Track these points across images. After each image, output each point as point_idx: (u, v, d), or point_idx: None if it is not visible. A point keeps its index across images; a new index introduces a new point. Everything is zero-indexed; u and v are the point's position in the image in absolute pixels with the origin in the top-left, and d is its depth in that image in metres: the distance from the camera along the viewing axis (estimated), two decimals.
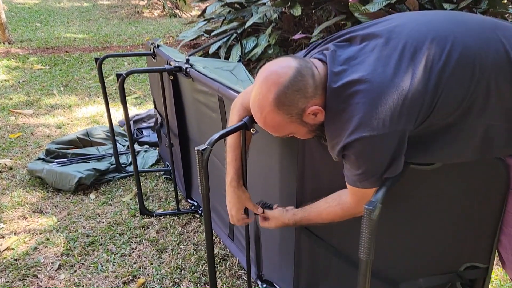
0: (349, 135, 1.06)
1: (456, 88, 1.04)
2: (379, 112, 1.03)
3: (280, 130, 1.17)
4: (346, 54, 1.12)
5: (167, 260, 2.11)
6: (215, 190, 2.19)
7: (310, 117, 1.12)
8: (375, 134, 1.04)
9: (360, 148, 1.07)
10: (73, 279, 2.00)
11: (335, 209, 1.29)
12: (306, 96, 1.09)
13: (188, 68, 2.11)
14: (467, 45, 1.06)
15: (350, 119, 1.06)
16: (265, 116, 1.14)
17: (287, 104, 1.09)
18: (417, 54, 1.05)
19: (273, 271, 1.92)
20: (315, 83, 1.09)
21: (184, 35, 5.85)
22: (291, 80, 1.08)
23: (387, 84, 1.03)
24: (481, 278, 1.35)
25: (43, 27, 7.78)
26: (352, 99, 1.06)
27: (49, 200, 2.63)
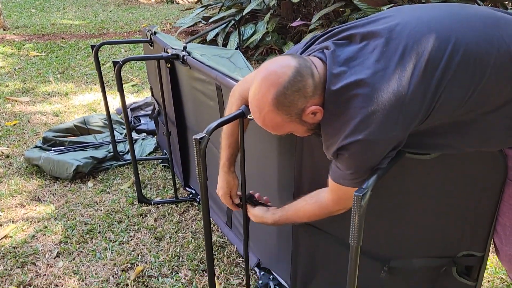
0: (345, 138, 1.07)
1: (456, 90, 1.04)
2: (376, 117, 1.03)
3: (279, 129, 1.17)
4: (346, 54, 1.11)
5: (165, 248, 2.12)
6: (213, 178, 2.19)
7: (309, 116, 1.12)
8: (371, 139, 1.04)
9: (354, 150, 1.08)
10: (71, 266, 2.01)
11: (312, 207, 1.31)
12: (306, 96, 1.09)
13: (185, 56, 2.09)
14: (469, 45, 1.05)
15: (347, 122, 1.06)
16: (264, 116, 1.13)
17: (286, 105, 1.09)
18: (417, 58, 1.04)
19: (271, 259, 1.93)
20: (315, 83, 1.09)
21: (182, 21, 5.80)
22: (290, 80, 1.07)
23: (386, 90, 1.03)
24: (477, 266, 1.36)
25: (38, 13, 7.70)
26: (351, 102, 1.06)
27: (47, 188, 2.63)
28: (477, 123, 1.09)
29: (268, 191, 1.71)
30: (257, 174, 1.75)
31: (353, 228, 1.05)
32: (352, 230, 1.05)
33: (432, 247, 1.38)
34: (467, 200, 1.28)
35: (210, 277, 1.54)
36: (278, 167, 1.60)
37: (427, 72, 1.03)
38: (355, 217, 1.03)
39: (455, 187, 1.27)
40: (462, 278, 1.39)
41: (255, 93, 1.12)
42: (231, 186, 1.52)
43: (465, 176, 1.24)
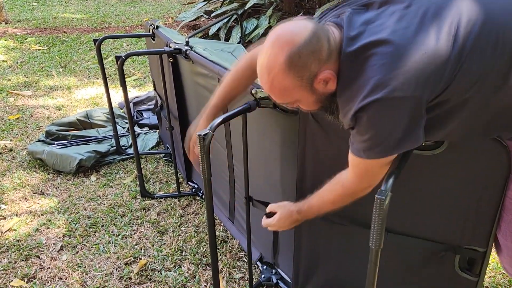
0: (364, 98, 0.99)
1: (477, 59, 0.99)
2: (398, 74, 0.96)
3: (286, 95, 1.09)
4: (363, 18, 1.05)
5: (168, 241, 2.13)
6: (215, 173, 2.20)
7: (320, 84, 1.05)
8: (392, 96, 0.96)
9: (374, 111, 0.99)
10: (75, 260, 2.02)
11: (335, 188, 1.24)
12: (320, 60, 1.02)
13: (188, 50, 2.09)
14: (492, 15, 1.00)
15: (366, 82, 0.99)
16: (272, 78, 1.05)
17: (299, 66, 1.02)
18: (440, 20, 0.99)
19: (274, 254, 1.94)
20: (330, 48, 1.02)
21: (184, 16, 5.78)
22: (306, 40, 1.00)
23: (408, 46, 0.97)
24: (479, 261, 1.36)
25: (40, 7, 7.69)
26: (369, 61, 0.99)
27: (50, 181, 2.64)
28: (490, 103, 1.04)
29: (270, 184, 1.72)
30: (260, 167, 1.75)
31: (374, 232, 0.99)
32: (372, 233, 1.00)
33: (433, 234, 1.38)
34: (469, 197, 1.28)
35: (214, 271, 1.55)
36: (281, 158, 1.60)
37: (450, 34, 0.98)
38: (376, 220, 0.98)
39: (457, 183, 1.27)
40: (464, 273, 1.40)
41: (266, 54, 1.05)
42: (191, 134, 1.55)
43: (468, 172, 1.24)
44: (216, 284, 1.59)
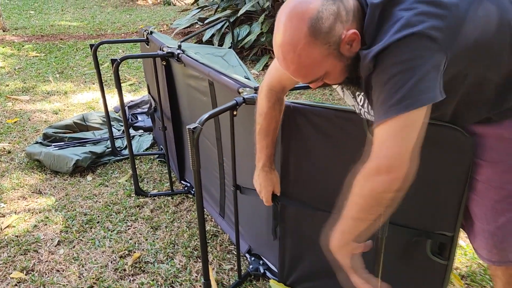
0: (393, 34, 0.94)
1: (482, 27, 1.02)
2: (428, 18, 0.94)
3: (316, 69, 1.02)
4: None
5: (161, 236, 2.23)
6: (207, 171, 2.30)
7: (346, 47, 0.99)
8: (421, 32, 0.92)
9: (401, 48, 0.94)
10: (72, 253, 2.12)
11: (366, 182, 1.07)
12: (341, 21, 0.97)
13: (180, 54, 2.20)
14: None
15: (394, 23, 0.95)
16: (299, 54, 0.98)
17: (324, 30, 0.96)
18: None
19: (261, 246, 2.04)
20: (346, 8, 0.98)
21: (178, 23, 5.91)
22: (323, 4, 0.96)
23: None
24: (448, 245, 1.47)
25: (37, 15, 7.81)
26: (398, 7, 0.97)
27: (48, 181, 2.73)
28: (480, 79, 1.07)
29: None
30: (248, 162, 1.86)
31: None
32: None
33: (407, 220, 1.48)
34: (436, 184, 1.39)
35: (204, 261, 1.65)
36: None
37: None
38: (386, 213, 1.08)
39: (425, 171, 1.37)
40: (436, 257, 1.50)
41: (283, 31, 0.98)
42: (274, 183, 1.57)
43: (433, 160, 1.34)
44: (205, 273, 1.69)
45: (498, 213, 1.30)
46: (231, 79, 1.77)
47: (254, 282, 1.94)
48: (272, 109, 1.44)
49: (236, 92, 1.68)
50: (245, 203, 1.99)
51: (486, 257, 1.38)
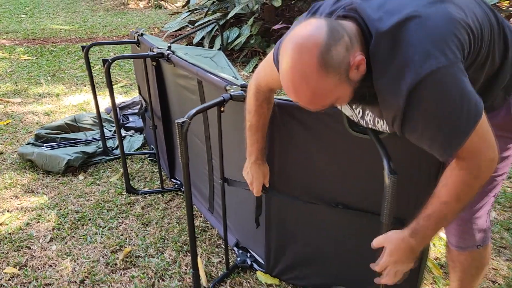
0: (416, 73, 0.96)
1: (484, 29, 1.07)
2: (438, 43, 0.97)
3: (329, 98, 1.03)
4: (374, 4, 1.05)
5: (152, 232, 2.29)
6: (196, 168, 2.37)
7: (354, 72, 1.01)
8: (447, 64, 0.96)
9: (435, 84, 0.96)
10: (64, 249, 2.17)
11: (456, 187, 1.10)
12: (347, 47, 0.98)
13: (169, 54, 2.26)
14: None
15: (411, 56, 0.97)
16: (312, 87, 0.99)
17: (335, 61, 0.97)
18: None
19: (248, 239, 2.11)
20: (349, 35, 1.00)
21: (169, 26, 5.98)
22: (329, 35, 0.97)
23: (434, 15, 1.00)
24: None
25: (28, 19, 7.83)
26: (406, 33, 0.98)
27: (40, 181, 2.78)
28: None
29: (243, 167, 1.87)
30: (234, 156, 1.92)
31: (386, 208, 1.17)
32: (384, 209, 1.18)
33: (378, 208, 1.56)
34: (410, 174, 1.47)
35: (192, 250, 1.71)
36: None
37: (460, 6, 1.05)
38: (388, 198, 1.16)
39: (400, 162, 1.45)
40: None
41: (293, 65, 0.99)
42: (265, 174, 1.66)
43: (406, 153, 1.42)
44: (194, 263, 1.75)
45: (475, 200, 1.39)
46: (219, 78, 1.84)
47: (241, 274, 2.00)
48: (260, 107, 1.50)
49: (223, 90, 1.75)
50: (233, 199, 2.06)
51: (456, 244, 1.46)
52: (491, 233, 1.49)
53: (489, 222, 1.46)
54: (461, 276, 1.57)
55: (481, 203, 1.40)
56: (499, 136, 1.30)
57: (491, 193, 1.40)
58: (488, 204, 1.42)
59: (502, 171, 1.37)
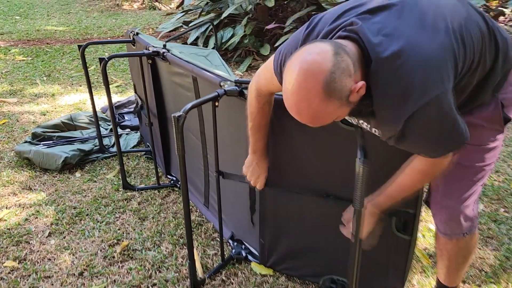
0: (417, 100, 1.06)
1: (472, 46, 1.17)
2: (433, 72, 1.07)
3: (328, 119, 1.11)
4: (375, 25, 1.12)
5: (148, 226, 2.34)
6: (192, 164, 2.42)
7: (355, 95, 1.07)
8: (440, 93, 1.07)
9: (431, 112, 1.08)
10: (62, 243, 2.21)
11: (415, 175, 1.33)
12: (350, 75, 1.05)
13: (165, 53, 2.32)
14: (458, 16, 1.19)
15: (410, 87, 1.06)
16: (314, 109, 1.06)
17: (338, 89, 1.04)
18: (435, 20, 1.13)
19: (243, 231, 2.16)
20: (353, 60, 1.06)
21: (163, 26, 6.03)
22: (334, 62, 1.03)
23: (429, 47, 1.08)
24: (411, 222, 1.61)
25: (23, 20, 7.85)
26: (405, 66, 1.06)
27: (37, 178, 2.82)
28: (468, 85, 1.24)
29: (237, 158, 1.92)
30: (229, 151, 1.98)
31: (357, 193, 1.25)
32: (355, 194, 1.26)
33: None
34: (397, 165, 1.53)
35: (189, 240, 1.77)
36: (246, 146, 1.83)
37: (448, 26, 1.13)
38: (358, 184, 1.24)
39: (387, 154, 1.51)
40: (400, 233, 1.64)
41: (298, 88, 1.05)
42: (265, 170, 1.75)
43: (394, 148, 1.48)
44: (190, 253, 1.81)
45: (463, 188, 1.46)
46: (213, 74, 1.90)
47: (236, 265, 2.06)
48: (262, 109, 1.57)
49: (218, 86, 1.81)
50: (228, 193, 2.11)
51: (443, 231, 1.53)
52: (478, 223, 1.55)
53: (476, 211, 1.52)
54: (448, 264, 1.64)
55: (469, 192, 1.46)
56: (488, 128, 1.40)
57: (479, 182, 1.46)
58: (476, 193, 1.49)
59: (490, 160, 1.44)
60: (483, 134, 1.39)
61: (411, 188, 1.37)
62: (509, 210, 2.48)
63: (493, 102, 1.36)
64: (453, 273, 1.65)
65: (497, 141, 1.42)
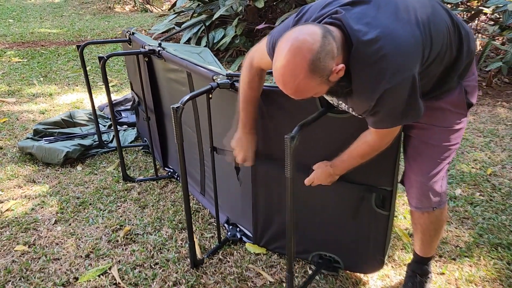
0: (388, 82, 1.24)
1: (437, 37, 1.34)
2: (404, 59, 1.24)
3: (309, 93, 1.28)
4: (356, 14, 1.27)
5: (149, 213, 2.50)
6: (189, 156, 2.58)
7: (335, 75, 1.24)
8: (406, 79, 1.24)
9: (398, 91, 1.26)
10: (68, 230, 2.36)
11: (363, 147, 1.55)
12: (333, 57, 1.21)
13: (160, 50, 2.48)
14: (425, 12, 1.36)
15: (384, 69, 1.23)
16: (298, 83, 1.23)
17: (321, 68, 1.20)
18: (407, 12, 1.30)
19: (238, 215, 2.33)
20: (337, 45, 1.22)
21: (156, 28, 6.17)
22: (321, 45, 1.18)
23: (402, 36, 1.25)
24: (389, 198, 1.78)
25: (16, 23, 7.95)
26: (380, 51, 1.22)
27: (40, 172, 2.97)
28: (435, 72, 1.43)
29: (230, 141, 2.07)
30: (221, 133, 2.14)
31: (288, 165, 1.45)
32: (286, 166, 1.46)
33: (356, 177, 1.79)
34: None
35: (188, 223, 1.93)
36: None
37: (418, 21, 1.30)
38: (288, 157, 1.43)
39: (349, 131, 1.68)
40: (379, 209, 1.82)
41: (287, 62, 1.21)
42: (253, 146, 1.84)
43: None
44: (190, 235, 1.97)
45: (431, 166, 1.64)
46: (206, 69, 2.07)
47: (232, 246, 2.22)
48: (253, 80, 1.71)
49: (211, 79, 1.97)
50: (223, 181, 2.28)
51: (415, 205, 1.70)
52: (446, 198, 1.72)
53: (445, 188, 1.70)
54: (422, 237, 1.81)
55: (437, 169, 1.64)
56: (453, 112, 1.59)
57: (445, 161, 1.64)
58: (443, 171, 1.66)
59: (455, 141, 1.62)
60: (450, 117, 1.58)
61: (360, 157, 1.59)
62: (484, 194, 2.67)
63: (458, 88, 1.55)
64: (426, 244, 1.83)
65: (462, 124, 1.60)
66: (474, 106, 4.00)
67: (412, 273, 1.90)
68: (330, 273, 2.03)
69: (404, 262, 2.09)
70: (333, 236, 1.99)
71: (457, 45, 1.46)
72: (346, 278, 2.02)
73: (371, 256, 1.94)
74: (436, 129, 1.59)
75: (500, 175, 2.86)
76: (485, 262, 2.11)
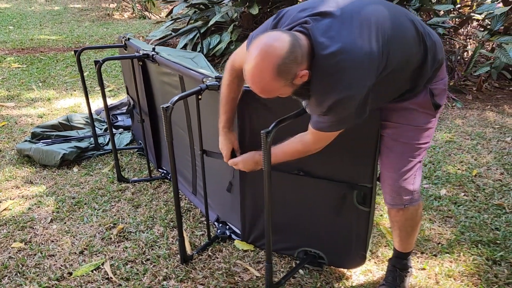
0: (340, 93, 1.36)
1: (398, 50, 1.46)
2: (359, 74, 1.36)
3: (273, 94, 1.41)
4: (322, 27, 1.37)
5: (142, 212, 2.58)
6: (180, 155, 2.67)
7: (299, 79, 1.36)
8: (358, 92, 1.37)
9: (348, 103, 1.38)
10: (64, 228, 2.44)
11: (296, 145, 1.65)
12: (298, 64, 1.33)
13: (154, 55, 2.57)
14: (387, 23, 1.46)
15: (339, 81, 1.36)
16: (264, 84, 1.36)
17: (285, 72, 1.32)
18: (369, 29, 1.39)
19: (227, 213, 2.41)
20: (302, 52, 1.34)
21: (153, 34, 6.28)
22: (288, 51, 1.31)
23: (360, 52, 1.35)
24: (369, 195, 1.87)
25: (16, 30, 8.06)
26: (338, 65, 1.34)
27: (38, 173, 3.05)
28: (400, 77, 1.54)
29: None
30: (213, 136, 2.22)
31: (265, 159, 1.56)
32: (263, 159, 1.58)
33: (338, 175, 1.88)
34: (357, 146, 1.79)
35: (178, 218, 2.01)
36: None
37: (379, 37, 1.39)
38: (265, 153, 1.55)
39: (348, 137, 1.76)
40: (360, 206, 1.90)
41: (254, 66, 1.34)
42: (232, 141, 1.92)
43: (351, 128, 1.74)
44: (180, 230, 2.05)
45: (401, 163, 1.72)
46: (197, 72, 2.16)
47: (221, 243, 2.30)
48: (232, 82, 1.80)
49: (201, 82, 2.06)
50: (212, 180, 2.36)
51: (388, 201, 1.79)
52: (420, 196, 1.79)
53: (417, 186, 1.76)
54: (399, 233, 1.89)
55: (407, 166, 1.71)
56: (420, 112, 1.68)
57: (416, 159, 1.72)
58: (414, 169, 1.73)
59: (425, 140, 1.71)
60: (418, 117, 1.66)
61: (290, 154, 1.69)
62: (468, 194, 2.75)
63: (424, 91, 1.64)
64: (405, 240, 1.90)
65: (431, 123, 1.69)
66: (463, 110, 4.09)
67: (392, 267, 1.97)
68: (314, 268, 2.10)
69: (386, 258, 2.16)
70: (317, 232, 2.07)
71: (422, 54, 1.56)
72: (330, 273, 2.10)
73: (354, 252, 2.02)
74: (406, 127, 1.68)
75: (485, 176, 2.95)
76: (465, 258, 2.18)
